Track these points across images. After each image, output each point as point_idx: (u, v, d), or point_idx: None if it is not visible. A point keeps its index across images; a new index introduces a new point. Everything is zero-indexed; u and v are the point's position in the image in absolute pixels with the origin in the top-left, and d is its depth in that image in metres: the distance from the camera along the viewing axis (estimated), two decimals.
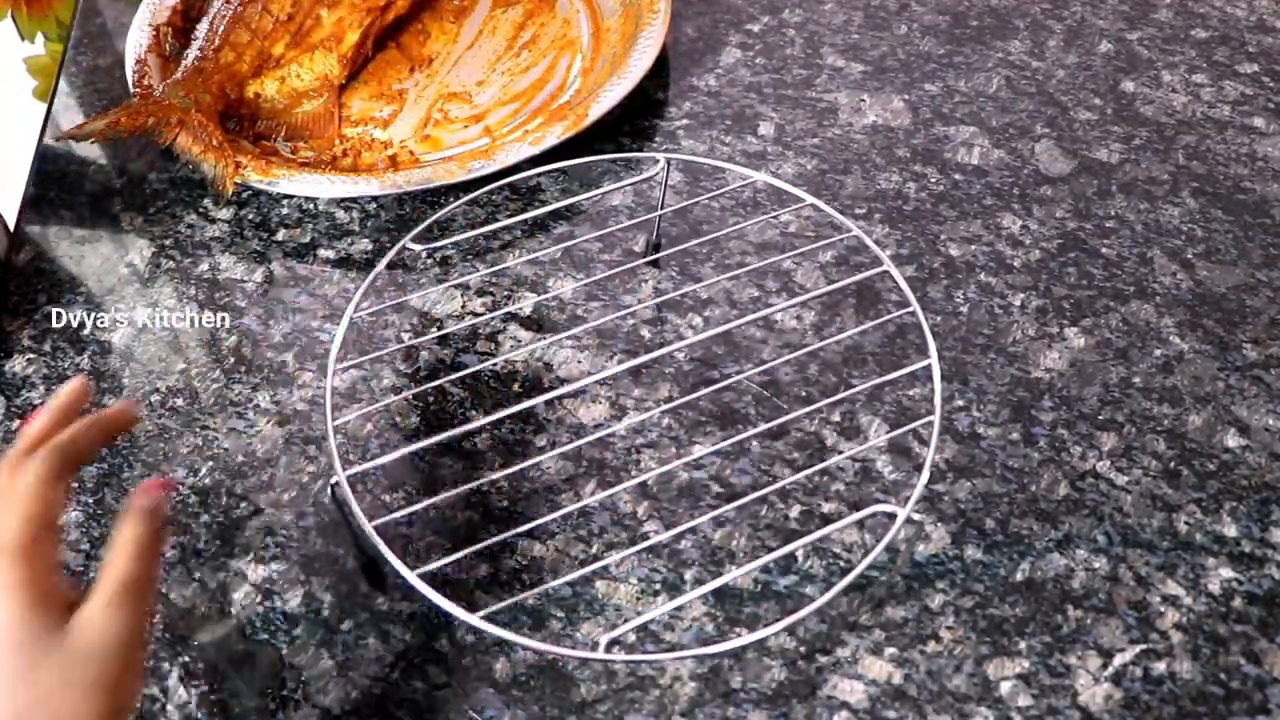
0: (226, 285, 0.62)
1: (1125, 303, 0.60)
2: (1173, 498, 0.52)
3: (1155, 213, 0.65)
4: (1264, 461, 0.54)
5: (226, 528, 0.52)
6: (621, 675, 0.47)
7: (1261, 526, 0.51)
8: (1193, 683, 0.47)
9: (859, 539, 0.51)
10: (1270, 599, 0.49)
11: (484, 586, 0.50)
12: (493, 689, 0.47)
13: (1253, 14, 0.78)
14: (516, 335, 0.59)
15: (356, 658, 0.48)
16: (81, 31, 0.80)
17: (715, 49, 0.76)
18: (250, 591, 0.50)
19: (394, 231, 0.64)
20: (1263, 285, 0.61)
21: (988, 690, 0.47)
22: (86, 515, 0.53)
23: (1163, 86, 0.73)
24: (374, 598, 0.50)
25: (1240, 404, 0.56)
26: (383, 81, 0.74)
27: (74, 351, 0.59)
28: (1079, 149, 0.69)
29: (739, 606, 0.49)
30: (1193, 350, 0.58)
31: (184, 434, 0.55)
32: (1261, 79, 0.73)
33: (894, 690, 0.47)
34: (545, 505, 0.52)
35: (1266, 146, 0.68)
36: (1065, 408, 0.56)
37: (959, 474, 0.53)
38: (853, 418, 0.55)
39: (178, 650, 0.48)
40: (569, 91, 0.73)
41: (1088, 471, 0.53)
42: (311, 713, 0.46)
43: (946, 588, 0.49)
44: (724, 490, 0.53)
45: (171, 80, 0.67)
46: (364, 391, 0.57)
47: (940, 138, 0.69)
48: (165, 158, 0.69)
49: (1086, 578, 0.50)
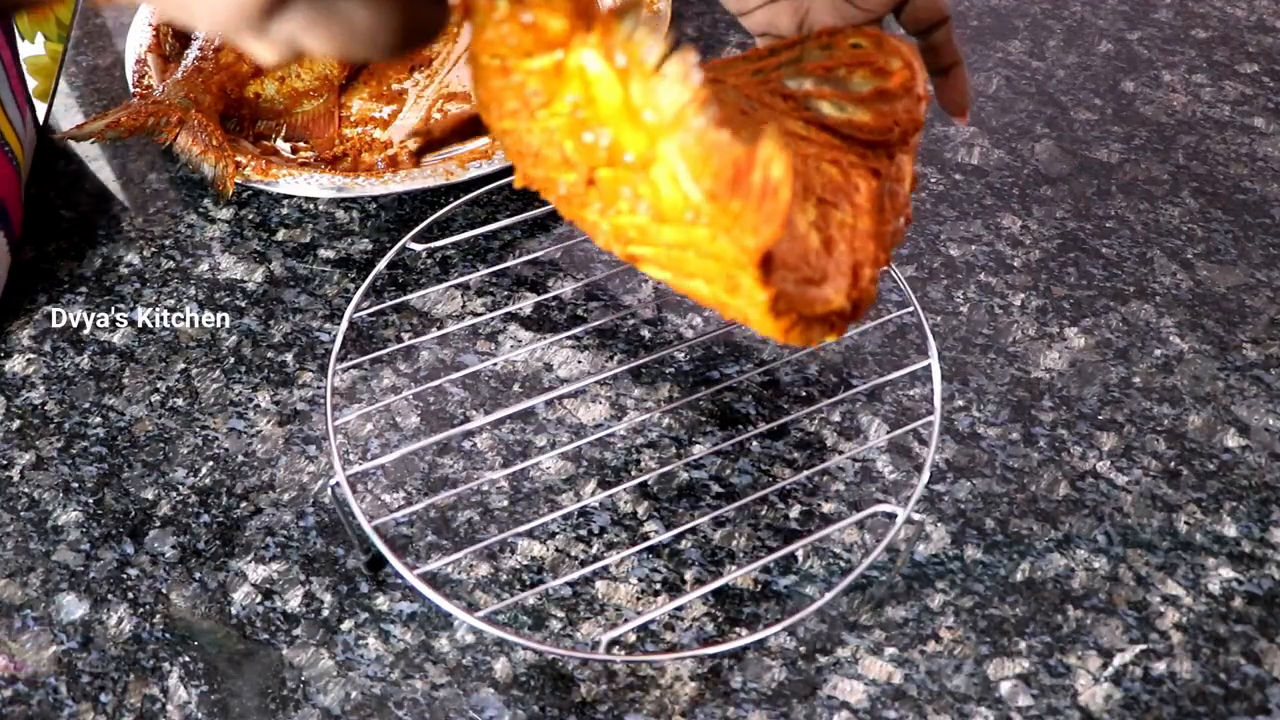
0: (227, 285, 0.62)
1: (1125, 302, 0.60)
2: (1173, 498, 0.52)
3: (1155, 213, 0.65)
4: (1264, 461, 0.54)
5: (227, 528, 0.52)
6: (621, 675, 0.47)
7: (1261, 526, 0.51)
8: (1193, 683, 0.47)
9: (859, 539, 0.51)
10: (1270, 599, 0.49)
11: (484, 586, 0.50)
12: (493, 689, 0.47)
13: (1253, 14, 0.78)
14: (516, 335, 0.59)
15: (357, 658, 0.48)
16: (81, 31, 0.80)
17: (715, 49, 0.76)
18: (250, 591, 0.50)
19: (394, 231, 0.64)
20: (1263, 285, 0.61)
21: (988, 690, 0.47)
22: (86, 515, 0.53)
23: (1162, 86, 0.73)
24: (374, 597, 0.50)
25: (1240, 404, 0.56)
26: (383, 81, 0.74)
27: (74, 351, 0.59)
28: (1079, 149, 0.69)
29: (739, 606, 0.49)
30: (1193, 350, 0.58)
31: (184, 434, 0.56)
32: (1261, 79, 0.73)
33: (894, 690, 0.47)
34: (545, 505, 0.52)
35: (1266, 146, 0.68)
36: (1065, 408, 0.56)
37: (959, 474, 0.53)
38: (853, 418, 0.55)
39: (178, 650, 0.48)
40: None
41: (1088, 471, 0.53)
42: (312, 712, 0.46)
43: (946, 588, 0.50)
44: (724, 490, 0.53)
45: (171, 80, 0.67)
46: (364, 391, 0.57)
47: (940, 138, 0.69)
48: (165, 158, 0.69)
49: (1086, 578, 0.50)
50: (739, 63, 0.48)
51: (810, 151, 0.44)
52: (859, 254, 0.41)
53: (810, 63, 0.47)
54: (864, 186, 0.44)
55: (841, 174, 0.44)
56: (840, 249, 0.41)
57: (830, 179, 0.43)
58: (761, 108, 0.46)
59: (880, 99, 0.46)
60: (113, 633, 0.49)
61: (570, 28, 0.28)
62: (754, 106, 0.46)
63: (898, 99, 0.46)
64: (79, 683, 0.47)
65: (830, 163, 0.44)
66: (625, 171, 0.32)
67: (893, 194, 0.45)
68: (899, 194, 0.45)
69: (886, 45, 0.48)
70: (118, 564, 0.51)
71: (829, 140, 0.45)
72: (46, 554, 0.51)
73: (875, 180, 0.44)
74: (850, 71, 0.47)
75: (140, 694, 0.47)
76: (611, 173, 0.33)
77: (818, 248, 0.41)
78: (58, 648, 0.48)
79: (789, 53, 0.48)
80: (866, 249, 0.42)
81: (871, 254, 0.41)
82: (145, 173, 0.69)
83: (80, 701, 0.47)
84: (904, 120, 0.46)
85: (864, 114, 0.46)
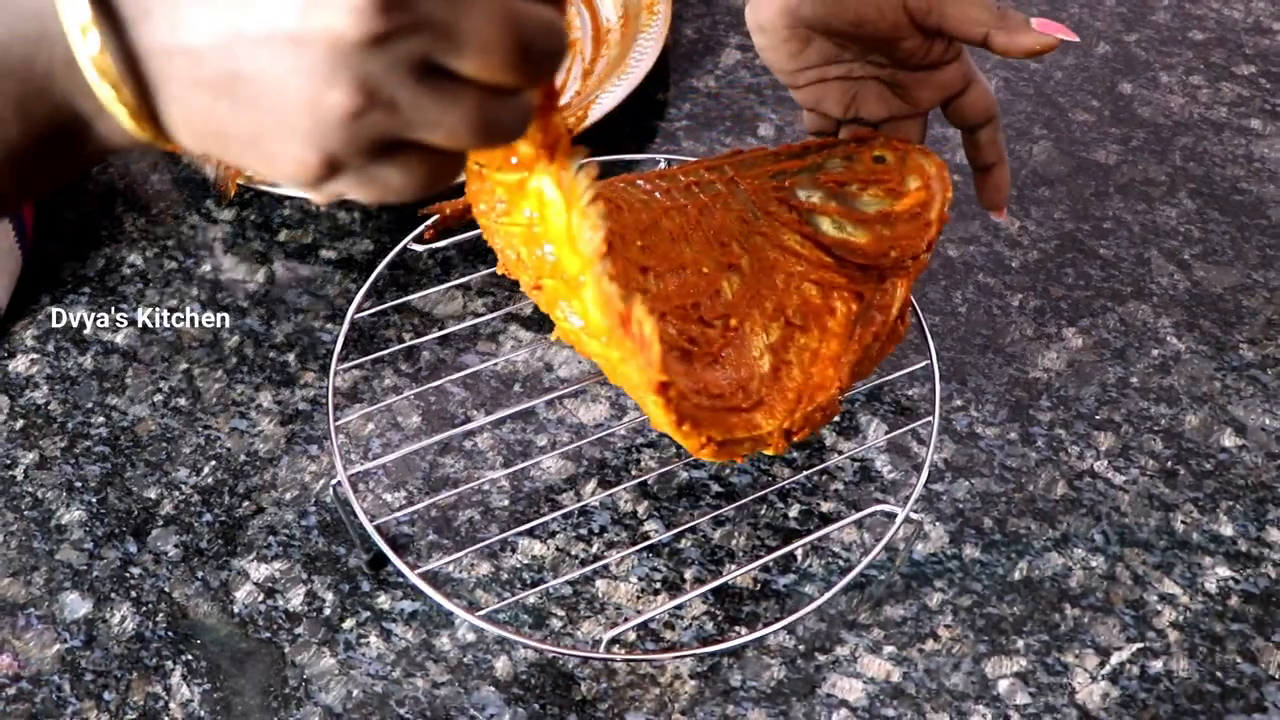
0: (229, 286, 0.62)
1: (1123, 303, 0.61)
2: (1170, 497, 0.53)
3: (1152, 213, 0.65)
4: (1260, 461, 0.54)
5: (229, 527, 0.52)
6: (622, 674, 0.47)
7: (1258, 525, 0.52)
8: (1189, 681, 0.47)
9: (858, 538, 0.52)
10: (1266, 597, 0.49)
11: (485, 585, 0.50)
12: (494, 687, 0.47)
13: (1249, 16, 0.78)
14: (517, 335, 0.60)
15: (358, 656, 0.48)
16: None
17: (715, 50, 0.76)
18: (253, 590, 0.50)
19: (395, 232, 0.65)
20: (1259, 285, 0.61)
21: (986, 688, 0.47)
22: (90, 514, 0.53)
23: (1160, 88, 0.73)
24: (375, 596, 0.50)
25: (1237, 404, 0.56)
26: None
27: (77, 352, 0.59)
28: (1076, 150, 0.69)
29: (738, 605, 0.49)
30: (1190, 350, 0.58)
31: (186, 434, 0.56)
32: (1258, 80, 0.73)
33: (893, 688, 0.47)
34: (546, 504, 0.53)
35: (1263, 147, 0.69)
36: (1063, 407, 0.56)
37: (957, 473, 0.54)
38: (852, 418, 0.56)
39: (181, 648, 0.49)
40: (569, 92, 0.74)
41: (1085, 471, 0.54)
42: (313, 711, 0.47)
43: (945, 587, 0.50)
44: (723, 490, 0.53)
45: None
46: (365, 391, 0.57)
47: (939, 138, 0.69)
48: (168, 159, 0.69)
49: (1084, 576, 0.50)
50: (767, 160, 0.50)
51: (797, 269, 0.47)
52: (813, 379, 0.44)
53: (827, 174, 0.49)
54: (840, 310, 0.46)
55: (822, 295, 0.46)
56: (793, 374, 0.44)
57: (807, 300, 0.46)
58: (765, 216, 0.48)
59: (883, 221, 0.48)
60: (116, 631, 0.49)
61: (535, 155, 0.32)
62: (756, 215, 0.48)
63: (903, 222, 0.47)
64: (82, 681, 0.48)
65: (814, 282, 0.46)
66: (563, 286, 0.37)
67: (868, 319, 0.46)
68: (876, 320, 0.46)
69: (910, 162, 0.49)
70: (121, 563, 0.51)
71: (820, 258, 0.47)
72: (50, 553, 0.52)
73: (856, 304, 0.46)
74: (862, 188, 0.48)
75: (143, 692, 0.47)
76: (553, 284, 0.38)
77: (765, 373, 0.44)
78: (61, 646, 0.49)
79: (815, 156, 0.49)
80: (824, 374, 0.44)
81: (827, 380, 0.44)
82: (148, 174, 0.69)
83: (83, 699, 0.47)
84: (904, 245, 0.47)
85: (862, 235, 0.48)
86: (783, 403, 0.43)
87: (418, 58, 0.26)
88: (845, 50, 0.48)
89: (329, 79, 0.26)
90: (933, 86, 0.48)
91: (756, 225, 0.47)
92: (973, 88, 0.48)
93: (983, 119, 0.49)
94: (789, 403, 0.43)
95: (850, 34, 0.46)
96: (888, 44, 0.46)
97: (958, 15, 0.44)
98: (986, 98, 0.48)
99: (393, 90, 0.26)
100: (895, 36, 0.45)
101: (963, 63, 0.48)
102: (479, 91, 0.27)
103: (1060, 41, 0.44)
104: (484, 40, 0.26)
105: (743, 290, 0.46)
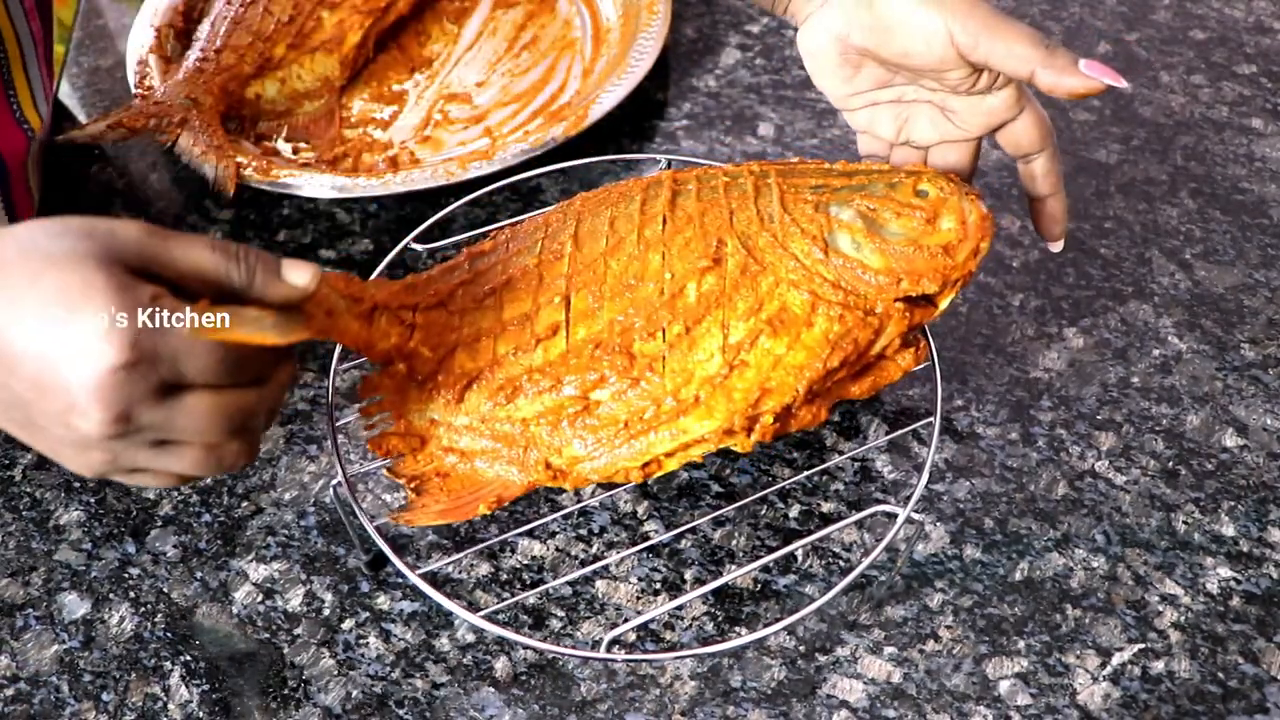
0: None
1: (1124, 303, 0.61)
2: (1171, 497, 0.53)
3: (1153, 213, 0.65)
4: (1262, 461, 0.54)
5: (228, 527, 0.52)
6: (622, 674, 0.47)
7: (1259, 526, 0.52)
8: (1191, 681, 0.47)
9: (858, 539, 0.51)
10: (1268, 598, 0.49)
11: (485, 586, 0.50)
12: (493, 688, 0.47)
13: (1250, 15, 0.78)
14: None
15: (358, 656, 0.48)
16: (83, 33, 0.80)
17: (715, 50, 0.76)
18: (252, 590, 0.50)
19: (394, 232, 0.65)
20: (1260, 285, 0.61)
21: (986, 689, 0.47)
22: (88, 515, 0.53)
23: (1161, 87, 0.73)
24: (375, 597, 0.50)
25: (1238, 404, 0.56)
26: (383, 82, 0.75)
27: None
28: (1077, 149, 0.69)
29: (739, 606, 0.49)
30: (1191, 350, 0.58)
31: None
32: (1259, 80, 0.73)
33: (893, 689, 0.47)
34: (545, 505, 0.53)
35: (1264, 147, 0.69)
36: (1064, 407, 0.56)
37: (958, 474, 0.53)
38: (853, 418, 0.56)
39: (179, 649, 0.48)
40: (569, 92, 0.73)
41: (1086, 471, 0.54)
42: (313, 711, 0.46)
43: (945, 587, 0.50)
44: (724, 490, 0.53)
45: (173, 81, 0.67)
46: None
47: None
48: (167, 158, 0.69)
49: (1085, 577, 0.50)
50: (814, 172, 0.50)
51: (794, 278, 0.46)
52: (768, 383, 0.44)
53: (866, 194, 0.48)
54: (820, 327, 0.45)
55: (807, 308, 0.45)
56: (745, 375, 0.45)
57: (787, 307, 0.45)
58: (786, 218, 0.47)
59: (902, 250, 0.47)
60: (114, 632, 0.49)
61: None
62: (775, 217, 0.47)
63: (922, 257, 0.46)
64: (81, 681, 0.48)
65: (808, 293, 0.46)
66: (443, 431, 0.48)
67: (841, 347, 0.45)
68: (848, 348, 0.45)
69: (952, 203, 0.47)
70: (119, 563, 0.51)
71: (823, 277, 0.46)
72: (48, 553, 0.52)
73: (839, 326, 0.45)
74: (895, 216, 0.47)
75: (142, 693, 0.47)
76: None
77: (710, 374, 0.44)
78: (60, 647, 0.49)
79: (862, 177, 0.49)
80: (782, 381, 0.44)
81: (784, 387, 0.44)
82: (147, 173, 0.69)
83: (82, 700, 0.47)
84: (914, 278, 0.46)
85: (876, 259, 0.46)
86: (726, 403, 0.44)
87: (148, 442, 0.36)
88: (896, 76, 0.48)
89: (79, 447, 0.35)
90: (983, 113, 0.48)
91: (771, 225, 0.47)
92: (1025, 115, 0.47)
93: (1036, 148, 0.48)
94: (733, 403, 0.44)
95: (898, 63, 0.46)
96: (935, 74, 0.46)
97: (1004, 51, 0.44)
98: (1040, 126, 0.48)
99: (133, 456, 0.36)
100: (942, 68, 0.45)
101: (1015, 89, 0.47)
102: (198, 449, 0.37)
103: (1107, 87, 0.44)
104: (196, 433, 0.36)
105: (714, 290, 0.46)
